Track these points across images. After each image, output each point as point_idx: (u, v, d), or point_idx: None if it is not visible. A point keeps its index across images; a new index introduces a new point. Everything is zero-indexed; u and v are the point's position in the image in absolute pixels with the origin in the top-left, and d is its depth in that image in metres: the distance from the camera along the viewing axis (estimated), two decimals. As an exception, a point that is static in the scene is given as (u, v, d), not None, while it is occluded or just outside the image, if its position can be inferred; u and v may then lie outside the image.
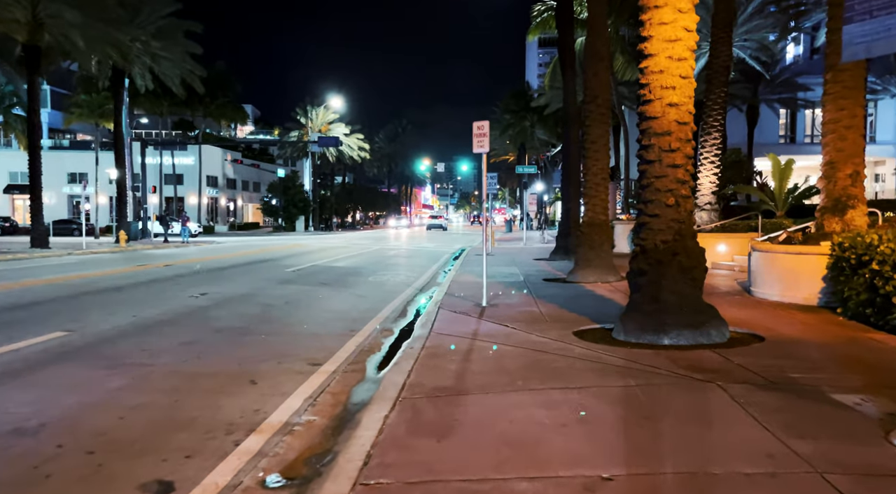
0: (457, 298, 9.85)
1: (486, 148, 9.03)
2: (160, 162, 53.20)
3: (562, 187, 18.78)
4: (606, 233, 12.27)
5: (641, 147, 6.60)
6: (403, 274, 14.90)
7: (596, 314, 8.03)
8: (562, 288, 11.09)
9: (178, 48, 27.85)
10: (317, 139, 41.47)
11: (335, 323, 8.08)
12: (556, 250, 18.50)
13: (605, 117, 12.26)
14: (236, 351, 6.42)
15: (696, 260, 6.39)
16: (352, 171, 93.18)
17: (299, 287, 11.97)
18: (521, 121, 54.71)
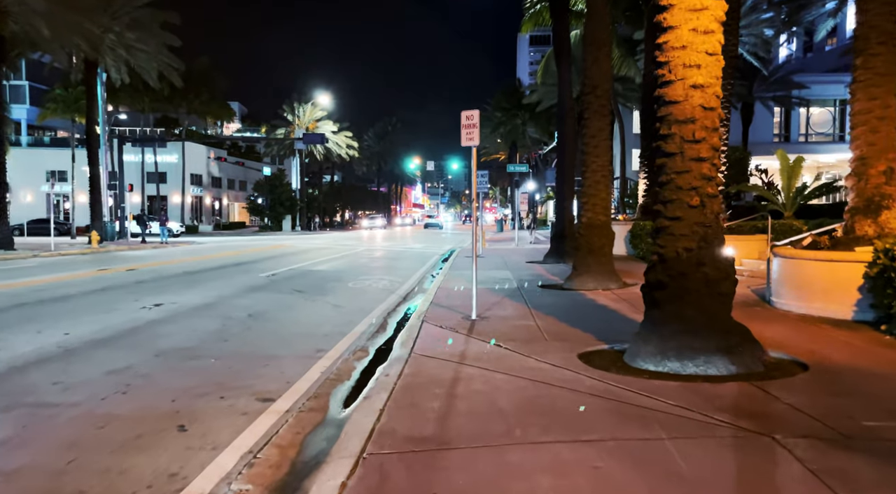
0: (444, 309, 8.80)
1: (476, 141, 7.98)
2: (142, 160, 51.84)
3: (556, 185, 17.78)
4: (607, 236, 11.27)
5: (659, 137, 5.57)
6: (387, 278, 13.83)
7: (601, 330, 7.00)
8: (559, 297, 10.06)
9: (155, 40, 26.57)
10: (302, 136, 40.25)
11: (301, 342, 7.00)
12: (551, 252, 17.49)
13: (606, 109, 11.25)
14: (174, 381, 5.33)
15: (724, 271, 5.37)
16: (340, 170, 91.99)
17: (270, 295, 10.87)
18: (512, 119, 53.72)
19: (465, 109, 8.07)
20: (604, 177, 11.30)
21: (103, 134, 32.07)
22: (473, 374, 5.25)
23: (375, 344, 7.12)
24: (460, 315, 8.27)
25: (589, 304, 9.19)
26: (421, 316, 8.22)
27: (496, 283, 12.01)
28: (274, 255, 21.12)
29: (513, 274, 13.79)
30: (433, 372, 5.33)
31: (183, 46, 27.40)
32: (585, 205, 11.39)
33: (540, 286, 11.63)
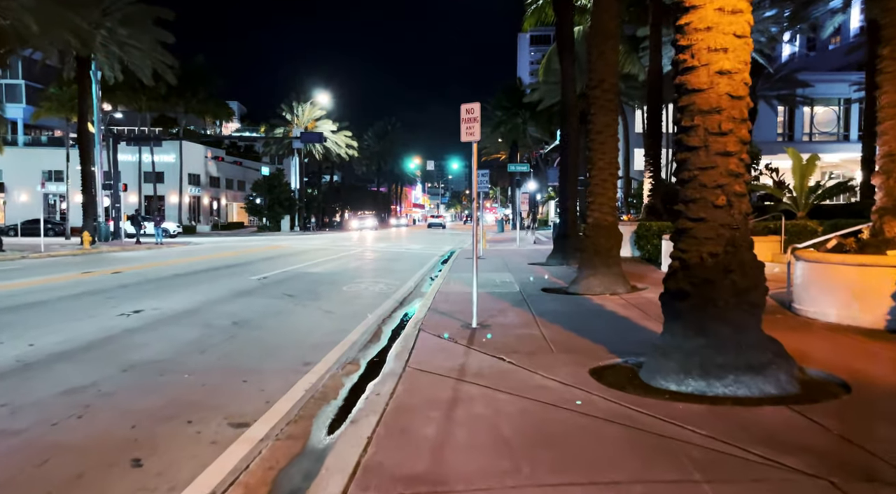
0: (442, 315, 8.25)
1: (477, 136, 7.42)
2: (139, 159, 51.33)
3: (559, 184, 17.23)
4: (615, 237, 10.70)
5: (680, 129, 5.01)
6: (384, 281, 13.27)
7: (612, 340, 6.44)
8: (565, 303, 9.50)
9: (148, 36, 25.99)
10: (300, 134, 39.67)
11: (287, 354, 6.45)
12: (554, 254, 16.93)
13: (613, 104, 10.69)
14: (139, 402, 4.77)
15: (754, 279, 4.81)
16: (340, 170, 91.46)
17: (259, 300, 10.31)
18: (513, 118, 53.21)
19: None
20: (611, 175, 10.74)
21: (98, 133, 31.51)
22: (474, 394, 4.69)
23: (368, 355, 6.56)
24: (460, 322, 7.71)
25: (597, 311, 8.63)
26: (418, 324, 7.66)
27: (498, 287, 11.46)
28: (269, 257, 20.57)
29: (515, 277, 13.23)
30: (429, 391, 4.78)
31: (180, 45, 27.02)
32: (591, 204, 10.83)
33: (544, 290, 11.07)
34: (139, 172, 51.42)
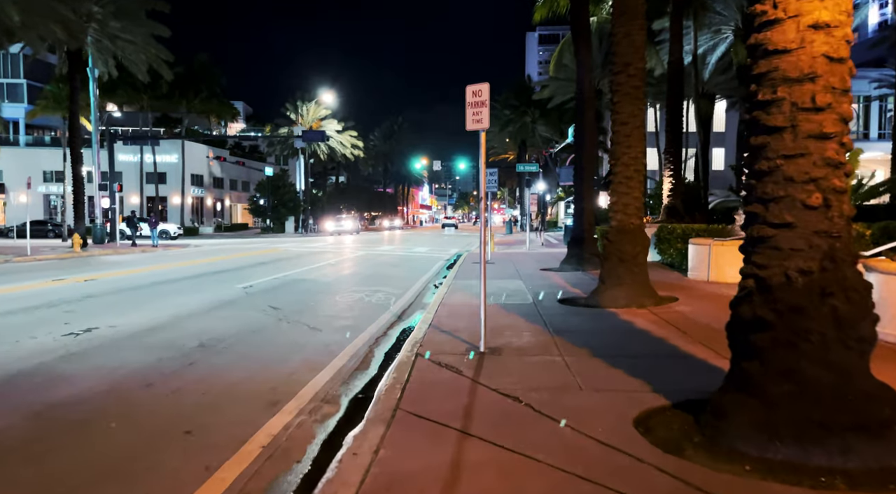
0: (444, 335, 7.04)
1: (485, 123, 6.22)
2: (140, 159, 50.45)
3: (574, 184, 16.00)
4: (641, 243, 9.47)
5: (755, 105, 3.79)
6: (383, 290, 12.08)
7: (653, 371, 5.22)
8: (586, 317, 8.27)
9: (142, 30, 24.93)
10: (301, 133, 38.58)
11: (253, 388, 5.26)
12: (568, 258, 15.69)
13: (639, 91, 9.46)
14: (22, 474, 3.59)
15: (861, 306, 3.57)
16: (346, 170, 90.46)
17: (237, 313, 9.14)
18: (521, 117, 51.96)
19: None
20: (637, 172, 9.50)
21: (95, 131, 30.54)
22: (482, 459, 3.49)
23: (352, 389, 5.37)
24: (465, 344, 6.51)
25: (625, 329, 7.39)
26: (415, 347, 6.46)
27: (508, 297, 10.24)
28: (264, 261, 19.43)
29: (526, 285, 12.01)
30: (423, 453, 3.58)
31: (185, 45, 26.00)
32: (615, 205, 9.59)
33: (560, 301, 9.84)
34: (140, 173, 50.54)
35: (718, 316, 7.99)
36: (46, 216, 51.35)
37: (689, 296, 9.82)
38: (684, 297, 9.68)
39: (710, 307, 8.86)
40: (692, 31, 24.10)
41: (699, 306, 8.91)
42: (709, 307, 8.86)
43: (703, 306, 8.92)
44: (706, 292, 10.42)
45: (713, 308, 8.76)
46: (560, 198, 56.83)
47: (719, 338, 6.63)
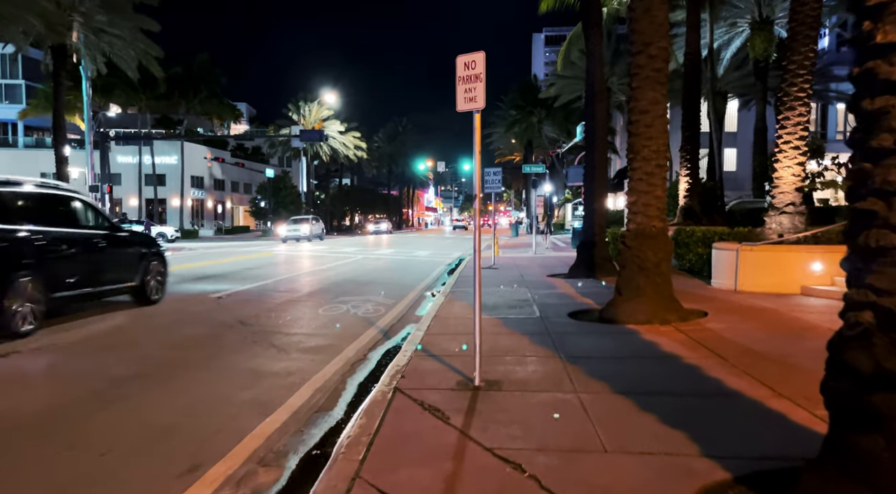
0: (433, 361, 5.84)
1: (480, 102, 5.02)
2: (139, 161, 49.56)
3: (584, 184, 14.79)
4: (664, 248, 8.23)
5: (867, 51, 2.57)
6: (373, 300, 10.90)
7: (696, 420, 4.00)
8: (602, 337, 7.05)
9: (129, 24, 23.87)
10: (299, 133, 37.49)
11: (175, 442, 4.07)
12: (577, 264, 14.45)
13: (662, 75, 8.24)
14: None
15: None
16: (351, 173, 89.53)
17: (199, 330, 7.97)
18: (527, 117, 50.77)
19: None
20: (659, 168, 8.27)
21: (89, 132, 29.56)
22: None
23: (306, 441, 4.17)
24: (456, 375, 5.31)
25: (650, 353, 6.16)
26: (396, 378, 5.26)
27: (512, 310, 9.02)
28: (254, 266, 18.28)
29: (532, 294, 10.80)
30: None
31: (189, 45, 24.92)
32: (633, 205, 8.36)
33: (571, 315, 8.62)
34: (139, 174, 49.65)
35: (758, 336, 6.75)
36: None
37: (717, 310, 8.58)
38: (712, 311, 8.44)
39: (745, 323, 7.61)
40: (707, 24, 22.82)
41: (733, 322, 7.66)
42: (744, 323, 7.61)
43: (737, 322, 7.68)
44: (736, 304, 9.18)
45: (750, 324, 7.52)
46: (567, 199, 55.57)
47: (768, 367, 5.40)
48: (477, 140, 5.04)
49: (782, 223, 10.92)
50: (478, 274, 5.21)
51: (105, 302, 9.78)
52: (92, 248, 8.95)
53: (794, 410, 4.24)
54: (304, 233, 38.01)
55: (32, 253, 7.62)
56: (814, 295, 9.78)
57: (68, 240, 8.46)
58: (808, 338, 6.60)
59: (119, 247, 9.65)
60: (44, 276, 7.69)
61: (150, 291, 10.05)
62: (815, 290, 9.89)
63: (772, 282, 10.23)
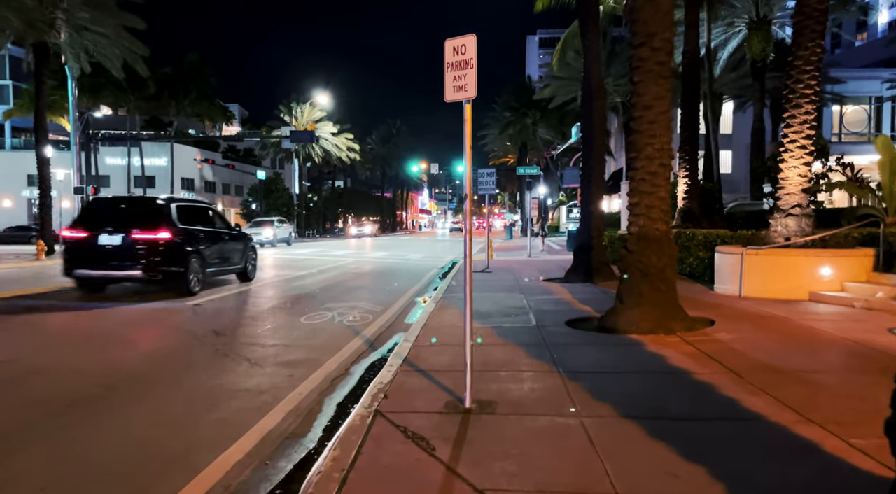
0: (420, 377, 5.32)
1: (471, 92, 4.52)
2: (128, 162, 48.84)
3: (581, 185, 14.30)
4: (669, 252, 7.74)
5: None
6: (360, 307, 10.37)
7: (719, 452, 3.50)
8: (604, 349, 6.55)
9: (113, 20, 23.24)
10: (289, 133, 36.89)
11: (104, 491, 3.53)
12: (574, 268, 13.97)
13: (666, 68, 7.75)
14: None
15: None
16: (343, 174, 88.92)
17: (167, 344, 7.42)
18: (522, 119, 50.35)
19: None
20: (663, 167, 7.78)
21: (74, 132, 28.93)
22: None
23: (270, 476, 3.64)
24: (445, 394, 4.79)
25: (657, 368, 5.65)
26: (378, 398, 4.74)
27: (507, 318, 8.51)
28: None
29: (527, 300, 10.30)
30: None
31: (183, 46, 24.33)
32: (635, 207, 7.87)
33: (569, 323, 8.11)
34: (128, 176, 48.92)
35: (771, 348, 6.26)
36: (31, 221, 49.65)
37: (723, 318, 8.09)
38: (719, 319, 7.95)
39: (756, 334, 7.12)
40: (705, 23, 22.43)
41: (742, 332, 7.17)
42: (755, 334, 7.12)
43: (747, 332, 7.19)
44: (743, 311, 8.69)
45: (761, 335, 7.03)
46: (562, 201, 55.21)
47: (788, 385, 4.90)
48: (468, 133, 4.53)
49: (788, 226, 10.45)
50: (468, 284, 4.69)
51: (219, 280, 13.60)
52: (222, 241, 12.80)
53: (827, 438, 3.74)
54: (267, 238, 32.88)
55: (197, 243, 11.59)
56: (823, 302, 9.31)
57: (212, 235, 12.37)
58: (826, 351, 6.11)
59: (234, 241, 13.47)
60: (202, 258, 11.72)
61: (249, 273, 14.18)
62: (824, 296, 9.42)
63: (779, 288, 9.76)
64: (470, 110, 4.57)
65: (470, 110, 4.57)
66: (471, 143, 4.57)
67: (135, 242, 10.63)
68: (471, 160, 4.56)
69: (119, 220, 10.98)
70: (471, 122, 4.56)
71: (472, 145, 4.56)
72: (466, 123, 4.55)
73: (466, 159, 4.59)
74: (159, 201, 11.47)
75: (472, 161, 4.69)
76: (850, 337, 6.61)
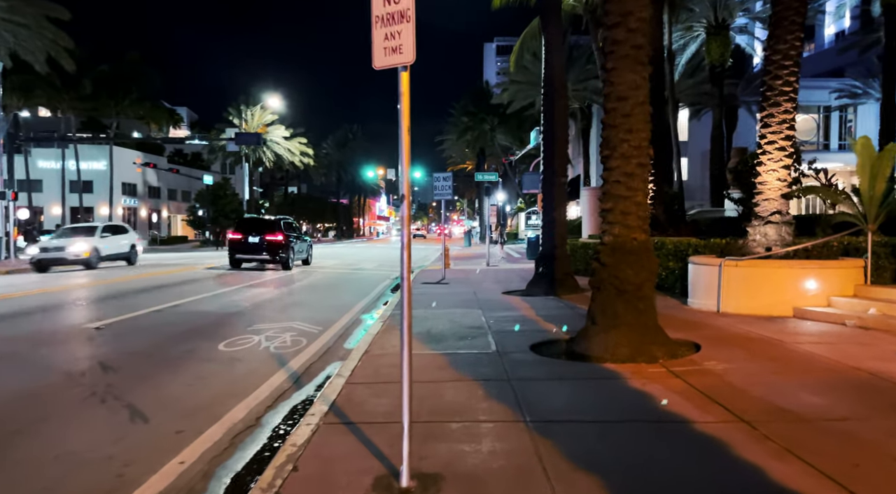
0: (347, 438, 4.07)
1: (409, 54, 3.33)
2: (63, 166, 45.87)
3: (543, 189, 13.28)
4: (648, 266, 6.68)
5: None
6: (298, 326, 9.02)
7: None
8: (579, 385, 5.41)
9: (32, 9, 21.20)
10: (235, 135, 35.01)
11: None
12: (536, 280, 12.91)
13: (643, 54, 6.72)
14: None
15: None
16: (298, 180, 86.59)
17: (33, 386, 5.96)
18: (480, 124, 49.60)
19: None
20: (641, 167, 6.73)
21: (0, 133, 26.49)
22: None
23: None
24: (376, 463, 3.56)
25: (647, 413, 4.53)
26: (284, 472, 3.47)
27: (462, 342, 7.32)
28: (163, 284, 15.98)
29: (486, 318, 9.14)
30: None
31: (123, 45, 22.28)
32: (609, 213, 6.80)
33: (535, 348, 6.97)
34: (63, 181, 45.92)
35: (776, 383, 5.24)
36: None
37: (708, 340, 7.09)
38: (704, 342, 6.94)
39: (751, 362, 6.11)
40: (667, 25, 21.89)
41: (736, 361, 6.15)
42: (750, 362, 6.11)
43: (741, 361, 6.17)
44: (727, 332, 7.72)
45: (757, 364, 6.02)
46: (520, 208, 54.61)
47: (814, 438, 3.61)
48: (404, 111, 3.32)
49: (767, 234, 9.60)
50: (406, 317, 3.46)
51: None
52: (298, 241, 21.65)
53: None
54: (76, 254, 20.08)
55: (289, 240, 20.36)
56: (810, 319, 8.44)
57: (296, 238, 21.38)
58: (842, 387, 5.11)
59: (303, 241, 22.78)
60: (292, 249, 20.49)
61: (309, 260, 23.24)
62: (809, 312, 8.56)
63: (761, 303, 8.86)
64: (407, 80, 3.37)
65: (407, 80, 3.37)
66: (408, 125, 3.36)
67: (265, 241, 19.89)
68: (408, 147, 3.35)
69: (257, 229, 20.21)
70: (408, 97, 3.36)
71: (409, 127, 3.35)
72: (403, 98, 3.34)
73: (403, 147, 3.38)
74: (276, 219, 21.46)
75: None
76: (863, 367, 5.65)
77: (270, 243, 19.84)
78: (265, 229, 20.11)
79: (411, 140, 3.38)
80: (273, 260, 20.06)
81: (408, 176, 3.36)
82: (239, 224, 21.34)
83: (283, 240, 19.97)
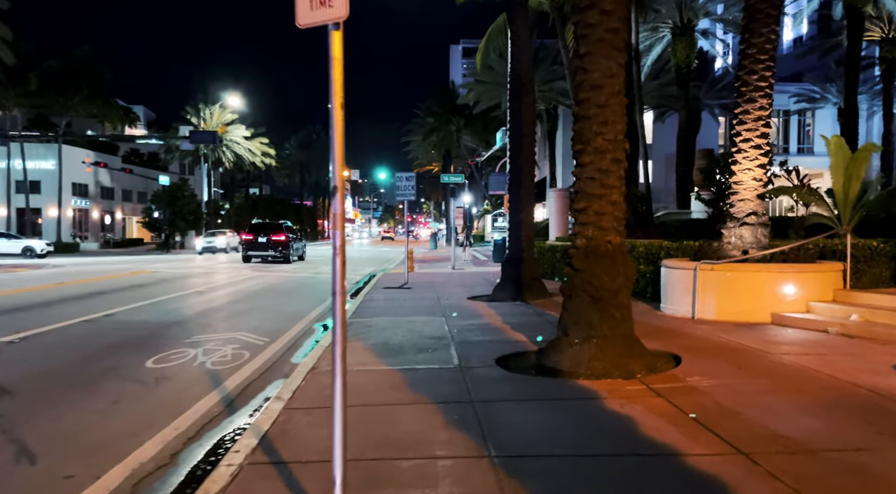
0: (274, 483, 3.33)
1: (342, 9, 2.61)
2: (8, 165, 43.59)
3: (510, 190, 12.69)
4: (624, 271, 6.10)
5: None
6: (240, 338, 8.19)
7: None
8: (552, 408, 4.77)
9: (-37, -5, 19.76)
10: (189, 134, 33.64)
11: None
12: (503, 284, 12.30)
13: (619, 39, 6.15)
14: None
15: None
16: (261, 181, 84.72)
17: None
18: (446, 125, 48.99)
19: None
20: (616, 163, 6.17)
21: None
22: None
23: None
24: (306, 523, 2.83)
25: (629, 443, 3.91)
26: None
27: (421, 354, 6.63)
28: (103, 290, 14.86)
29: (449, 326, 8.47)
30: None
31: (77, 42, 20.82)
32: (582, 213, 6.20)
33: (501, 362, 6.33)
34: (8, 180, 43.63)
35: (769, 403, 4.68)
36: None
37: (688, 351, 6.55)
38: (683, 354, 6.39)
39: (738, 378, 5.57)
40: (634, 24, 21.61)
41: (721, 377, 5.60)
42: (737, 378, 5.57)
43: (726, 376, 5.63)
44: (707, 341, 7.21)
45: (744, 379, 5.49)
46: (487, 210, 54.21)
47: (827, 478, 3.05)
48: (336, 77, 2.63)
49: (743, 237, 9.16)
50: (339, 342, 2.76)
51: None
52: (296, 240, 27.44)
53: None
54: None
55: (290, 240, 25.91)
56: (790, 326, 8.00)
57: (293, 238, 26.83)
58: (844, 408, 4.58)
59: (300, 241, 28.67)
60: (291, 247, 26.13)
61: (304, 256, 29.08)
62: (788, 319, 8.13)
63: (738, 309, 8.40)
64: (339, 42, 2.66)
65: (339, 42, 2.66)
66: (342, 101, 2.66)
67: (272, 240, 24.99)
68: (341, 127, 2.65)
69: (264, 232, 25.37)
70: (341, 63, 2.66)
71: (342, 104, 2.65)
72: (334, 63, 2.64)
73: (335, 126, 2.67)
74: (279, 223, 26.35)
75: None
76: (861, 383, 5.16)
77: (275, 242, 25.18)
78: (271, 231, 25.56)
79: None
80: (277, 255, 25.31)
81: (341, 161, 2.67)
82: (250, 228, 27.03)
83: (285, 240, 25.33)
